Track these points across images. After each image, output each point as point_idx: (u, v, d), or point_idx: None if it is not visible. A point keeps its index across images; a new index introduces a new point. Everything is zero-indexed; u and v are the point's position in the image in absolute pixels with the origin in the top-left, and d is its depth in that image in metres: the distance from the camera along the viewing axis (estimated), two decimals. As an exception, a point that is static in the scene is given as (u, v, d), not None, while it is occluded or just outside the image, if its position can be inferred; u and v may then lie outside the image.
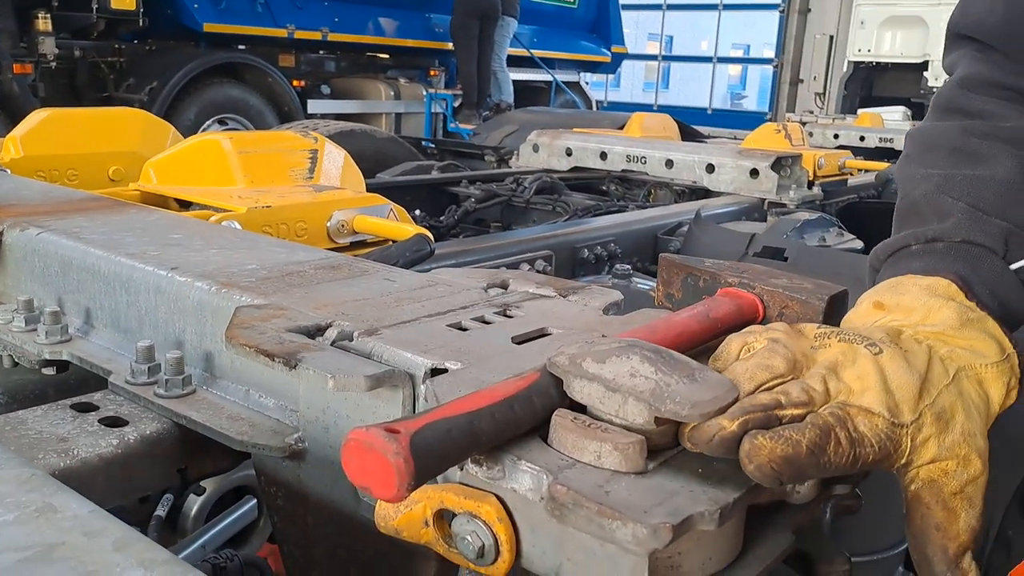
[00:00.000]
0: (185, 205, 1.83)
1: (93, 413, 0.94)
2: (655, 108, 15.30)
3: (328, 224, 1.79)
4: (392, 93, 10.07)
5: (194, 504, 1.25)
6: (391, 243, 1.83)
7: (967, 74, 1.08)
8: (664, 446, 0.65)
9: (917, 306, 0.82)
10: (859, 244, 3.01)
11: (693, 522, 0.57)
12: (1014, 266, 0.91)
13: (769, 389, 0.67)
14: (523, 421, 0.63)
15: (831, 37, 14.24)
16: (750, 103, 26.68)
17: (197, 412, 0.93)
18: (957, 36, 1.12)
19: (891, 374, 0.70)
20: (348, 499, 0.85)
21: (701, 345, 0.83)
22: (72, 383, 1.13)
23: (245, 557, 1.14)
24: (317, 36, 9.12)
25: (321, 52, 9.80)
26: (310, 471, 0.88)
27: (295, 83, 9.01)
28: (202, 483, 1.27)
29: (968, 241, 0.92)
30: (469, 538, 0.62)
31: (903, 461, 0.70)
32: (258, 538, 1.39)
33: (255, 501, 1.29)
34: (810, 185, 3.87)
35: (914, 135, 1.11)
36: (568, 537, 0.60)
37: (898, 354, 0.72)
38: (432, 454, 0.56)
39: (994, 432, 0.78)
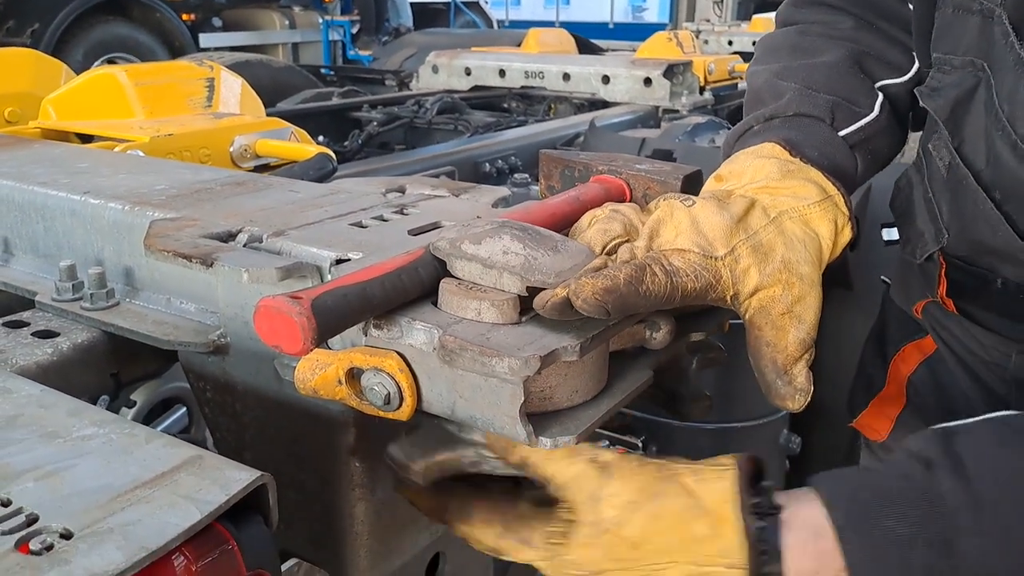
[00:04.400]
0: (87, 140, 1.86)
1: (25, 328, 1.01)
2: (557, 25, 15.22)
3: (231, 149, 1.84)
4: (287, 22, 9.84)
5: (126, 417, 1.33)
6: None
7: None
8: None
9: (745, 169, 0.93)
10: (747, 144, 3.17)
11: (558, 355, 0.69)
12: (842, 132, 1.05)
13: (611, 253, 0.79)
14: (411, 289, 0.74)
15: (725, -56, 14.33)
16: (651, 15, 26.67)
17: (123, 320, 1.01)
18: None
19: (702, 219, 0.80)
20: (271, 383, 0.95)
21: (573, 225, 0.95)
22: (-2, 313, 1.19)
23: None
24: (203, -34, 8.84)
25: (209, -17, 9.49)
26: (234, 363, 0.97)
27: (185, 17, 8.73)
28: (132, 397, 1.35)
29: (799, 114, 1.04)
30: (376, 388, 0.73)
31: (732, 292, 0.80)
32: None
33: (184, 409, 1.38)
34: (701, 91, 4.02)
35: (762, 41, 1.24)
36: (458, 379, 0.72)
37: (711, 203, 0.82)
38: (331, 314, 0.66)
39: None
